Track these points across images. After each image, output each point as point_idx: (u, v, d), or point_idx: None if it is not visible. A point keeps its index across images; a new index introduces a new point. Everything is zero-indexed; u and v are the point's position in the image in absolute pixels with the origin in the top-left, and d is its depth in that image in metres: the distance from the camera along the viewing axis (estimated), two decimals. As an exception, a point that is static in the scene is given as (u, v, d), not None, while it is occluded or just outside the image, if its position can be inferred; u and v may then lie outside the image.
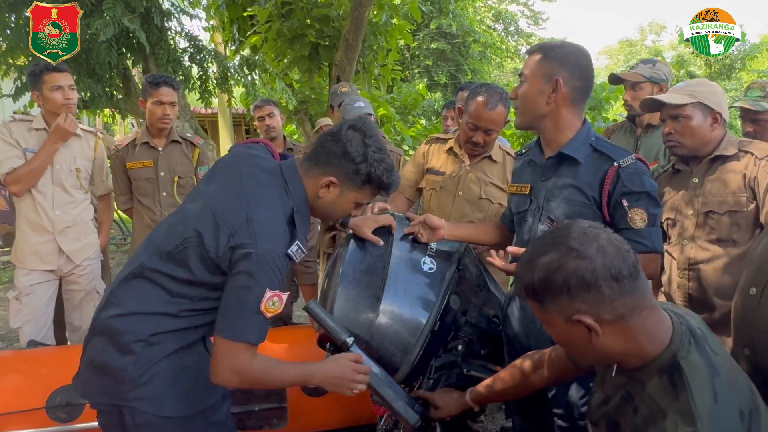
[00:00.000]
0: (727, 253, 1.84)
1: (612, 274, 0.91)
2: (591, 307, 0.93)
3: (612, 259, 0.92)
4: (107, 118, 7.42)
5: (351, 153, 1.33)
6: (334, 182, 1.36)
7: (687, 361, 0.92)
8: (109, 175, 2.88)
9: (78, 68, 5.11)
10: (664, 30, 28.87)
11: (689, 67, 14.89)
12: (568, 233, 0.96)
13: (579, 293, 0.92)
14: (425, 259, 1.68)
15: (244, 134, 16.62)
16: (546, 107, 1.54)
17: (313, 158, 1.38)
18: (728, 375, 0.91)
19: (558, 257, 0.94)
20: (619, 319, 0.93)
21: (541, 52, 1.54)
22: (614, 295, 0.92)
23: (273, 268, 1.24)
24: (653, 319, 0.96)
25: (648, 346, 0.96)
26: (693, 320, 1.02)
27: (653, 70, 2.62)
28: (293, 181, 1.36)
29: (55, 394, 1.93)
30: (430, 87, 13.16)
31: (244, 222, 1.25)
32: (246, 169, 1.37)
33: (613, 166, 1.49)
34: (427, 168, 2.37)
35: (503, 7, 18.80)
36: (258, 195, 1.30)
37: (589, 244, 0.93)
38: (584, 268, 0.91)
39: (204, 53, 5.81)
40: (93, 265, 2.77)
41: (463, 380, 1.67)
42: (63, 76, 2.55)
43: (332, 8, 5.31)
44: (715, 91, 1.91)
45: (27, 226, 2.56)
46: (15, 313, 2.58)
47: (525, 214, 1.69)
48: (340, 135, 1.36)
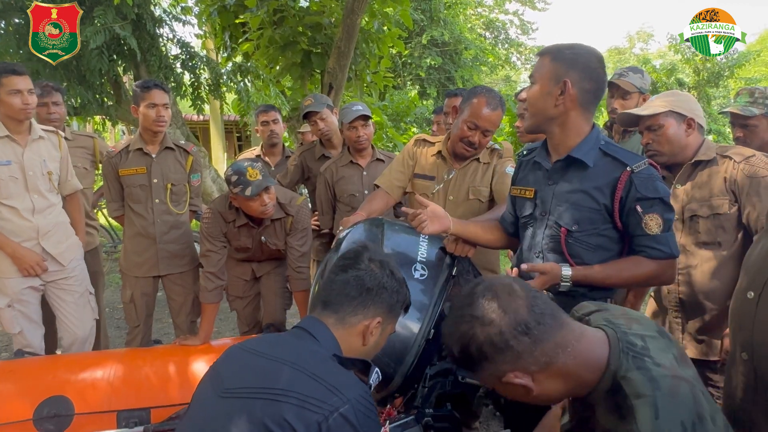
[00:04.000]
0: (714, 256, 1.89)
1: (519, 330, 0.93)
2: (513, 365, 0.95)
3: (515, 315, 0.94)
4: (98, 125, 7.37)
5: (387, 284, 1.22)
6: (380, 321, 1.22)
7: (626, 380, 0.92)
8: (73, 173, 2.78)
9: (68, 75, 5.09)
10: (651, 38, 29.28)
11: (678, 75, 15.05)
12: (473, 300, 0.98)
13: (496, 357, 0.95)
14: (416, 265, 1.66)
15: (236, 141, 16.57)
16: (554, 109, 1.51)
17: (338, 306, 1.20)
18: (670, 387, 0.89)
19: (467, 329, 0.96)
20: (546, 365, 0.95)
21: (551, 54, 1.51)
22: (529, 348, 0.94)
23: (371, 410, 1.07)
24: (584, 349, 0.96)
25: (587, 375, 0.96)
26: (637, 329, 1.01)
27: (642, 80, 2.66)
28: (324, 335, 1.18)
29: (42, 405, 1.89)
30: (422, 96, 13.23)
31: (311, 383, 1.04)
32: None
33: (626, 171, 1.46)
34: (415, 173, 2.35)
35: (494, 16, 18.97)
36: (301, 356, 1.11)
37: (490, 309, 0.95)
38: (492, 334, 0.94)
39: (196, 60, 5.81)
40: (81, 266, 2.74)
41: (459, 387, 1.66)
42: (22, 79, 2.42)
43: (324, 16, 5.31)
44: (686, 98, 1.98)
45: (9, 235, 2.48)
46: (11, 319, 2.53)
47: (529, 219, 1.66)
48: (360, 271, 1.22)
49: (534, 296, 0.98)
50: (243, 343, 1.22)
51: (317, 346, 1.14)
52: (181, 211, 2.88)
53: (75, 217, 2.80)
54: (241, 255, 2.75)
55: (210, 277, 2.57)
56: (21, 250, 2.48)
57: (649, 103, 2.03)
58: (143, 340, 2.87)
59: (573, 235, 1.53)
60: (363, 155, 3.07)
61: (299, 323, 1.22)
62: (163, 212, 2.81)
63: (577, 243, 1.54)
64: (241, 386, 1.08)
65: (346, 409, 1.01)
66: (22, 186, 2.49)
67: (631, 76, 2.64)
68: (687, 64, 14.77)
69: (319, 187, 3.13)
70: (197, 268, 2.89)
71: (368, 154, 3.09)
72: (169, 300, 2.95)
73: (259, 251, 2.71)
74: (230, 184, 2.36)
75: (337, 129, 3.27)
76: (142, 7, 5.04)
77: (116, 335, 4.14)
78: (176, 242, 2.86)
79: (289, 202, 2.62)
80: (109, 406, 1.94)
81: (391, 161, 2.55)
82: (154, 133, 2.77)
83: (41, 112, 3.04)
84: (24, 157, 2.49)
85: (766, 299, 1.12)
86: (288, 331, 1.22)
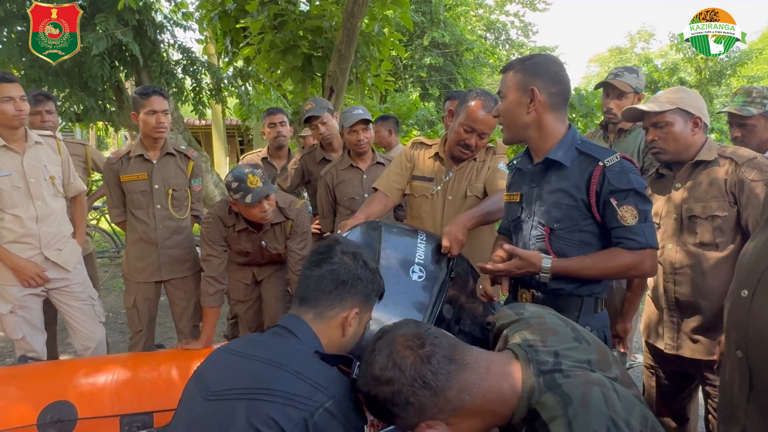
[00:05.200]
0: (711, 257, 1.86)
1: (417, 385, 0.93)
2: (422, 416, 0.95)
3: (410, 370, 0.94)
4: (100, 131, 7.41)
5: (361, 275, 1.22)
6: (358, 312, 1.22)
7: (540, 405, 0.92)
8: (76, 175, 2.81)
9: (71, 81, 5.13)
10: (652, 37, 29.21)
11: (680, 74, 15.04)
12: (372, 358, 0.99)
13: (403, 412, 0.95)
14: (414, 268, 1.67)
15: (238, 146, 16.61)
16: (527, 117, 1.59)
17: (315, 301, 1.20)
18: (581, 397, 0.89)
19: (369, 390, 0.98)
20: (456, 409, 0.94)
21: (513, 68, 1.61)
22: (431, 399, 0.93)
23: (356, 402, 1.07)
24: (492, 386, 0.95)
25: (501, 409, 0.96)
26: (551, 342, 1.01)
27: (638, 80, 2.66)
28: (305, 332, 1.19)
29: (46, 410, 1.91)
30: (424, 97, 13.24)
31: (295, 381, 1.05)
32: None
33: (598, 165, 1.52)
34: (414, 175, 2.37)
35: (494, 17, 18.99)
36: (284, 355, 1.11)
37: (387, 367, 0.95)
38: (391, 392, 0.95)
39: (197, 65, 5.83)
40: (83, 272, 2.76)
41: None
42: (13, 87, 2.42)
43: (324, 19, 5.32)
44: (694, 96, 1.95)
45: (12, 244, 2.49)
46: (13, 325, 2.54)
47: (519, 222, 1.72)
48: (334, 265, 1.21)
49: (434, 342, 0.97)
50: (226, 345, 1.22)
51: (299, 344, 1.15)
52: (182, 216, 2.90)
53: (78, 217, 2.84)
54: (242, 259, 2.76)
55: (211, 281, 2.59)
56: (21, 262, 2.49)
57: (655, 98, 1.99)
58: (146, 345, 2.89)
59: (556, 233, 1.59)
60: (363, 159, 3.09)
61: (280, 322, 1.22)
62: (165, 218, 2.83)
63: (560, 240, 1.59)
64: (227, 388, 1.08)
65: (330, 404, 1.02)
66: (25, 194, 2.50)
67: (627, 76, 2.65)
68: (689, 63, 14.76)
69: (320, 191, 3.15)
70: (199, 273, 2.91)
71: (369, 157, 3.11)
72: (172, 304, 2.96)
73: (260, 255, 2.72)
74: (230, 190, 2.38)
75: (338, 133, 3.29)
76: (143, 14, 5.07)
77: (119, 340, 4.17)
78: (178, 247, 2.88)
79: (288, 206, 2.63)
80: (112, 411, 1.95)
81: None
82: (155, 139, 2.79)
83: (35, 120, 3.07)
84: (24, 164, 2.50)
85: (759, 297, 1.13)
86: (270, 331, 1.22)
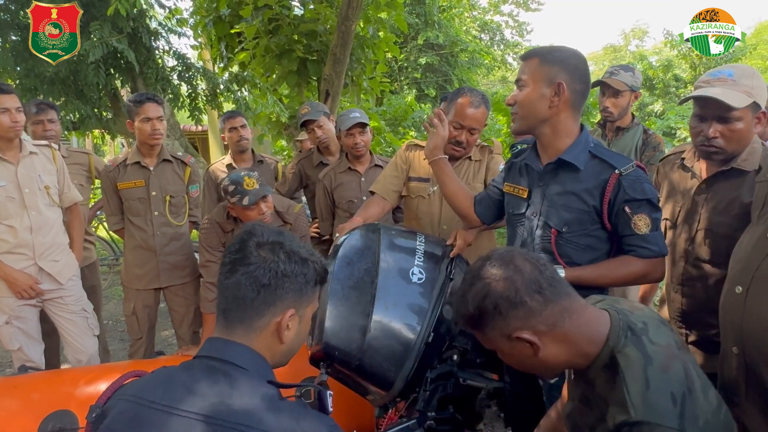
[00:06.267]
0: (721, 273, 1.56)
1: (533, 288, 1.01)
2: (524, 322, 1.01)
3: (529, 274, 1.02)
4: (97, 139, 7.41)
5: (286, 270, 0.99)
6: (293, 312, 1.01)
7: (622, 354, 0.98)
8: (71, 185, 2.78)
9: (66, 90, 5.13)
10: (647, 35, 29.31)
11: (675, 71, 15.09)
12: (487, 263, 1.06)
13: (510, 312, 1.01)
14: (413, 269, 1.68)
15: (236, 150, 16.60)
16: (548, 111, 1.52)
17: (240, 312, 0.98)
18: (662, 362, 0.96)
19: (483, 286, 1.03)
20: (553, 327, 1.01)
21: (539, 56, 1.52)
22: (541, 306, 1.00)
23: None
24: (586, 320, 1.03)
25: (588, 347, 1.02)
26: (639, 315, 1.07)
27: (633, 78, 2.67)
28: (242, 357, 0.96)
29: (47, 420, 1.90)
30: (419, 99, 13.24)
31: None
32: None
33: (614, 173, 1.49)
34: (410, 176, 2.38)
35: (488, 17, 19.01)
36: (220, 403, 0.88)
37: (507, 267, 1.03)
38: (508, 289, 1.01)
39: (193, 71, 5.84)
40: (77, 285, 2.74)
41: (460, 390, 1.67)
42: (9, 98, 2.42)
43: (319, 23, 5.33)
44: (763, 85, 1.57)
45: (7, 255, 2.47)
46: (9, 336, 2.53)
47: (521, 218, 1.68)
48: (251, 266, 0.98)
49: (544, 263, 1.05)
50: (137, 390, 0.94)
51: (243, 377, 0.91)
52: (180, 222, 2.90)
53: (75, 227, 2.80)
54: (241, 264, 2.75)
55: (210, 287, 2.58)
56: (14, 274, 2.47)
57: (729, 85, 1.55)
58: (146, 352, 2.88)
59: (563, 236, 1.57)
60: (361, 162, 3.09)
61: (206, 352, 0.97)
62: (163, 224, 2.83)
63: (567, 243, 1.57)
64: None
65: None
66: (19, 205, 2.48)
67: (623, 74, 2.66)
68: (683, 60, 14.79)
69: (318, 194, 3.15)
70: (198, 279, 2.90)
71: (366, 160, 3.11)
72: (171, 311, 2.96)
73: (259, 260, 2.72)
74: (227, 193, 2.38)
75: (335, 136, 3.28)
76: (138, 21, 5.07)
77: (120, 347, 4.16)
78: (176, 254, 2.87)
79: (286, 210, 2.63)
80: (113, 419, 1.95)
81: None
82: (151, 146, 2.79)
83: (37, 129, 3.06)
84: (18, 175, 2.48)
85: (754, 293, 1.14)
86: (195, 365, 0.95)
